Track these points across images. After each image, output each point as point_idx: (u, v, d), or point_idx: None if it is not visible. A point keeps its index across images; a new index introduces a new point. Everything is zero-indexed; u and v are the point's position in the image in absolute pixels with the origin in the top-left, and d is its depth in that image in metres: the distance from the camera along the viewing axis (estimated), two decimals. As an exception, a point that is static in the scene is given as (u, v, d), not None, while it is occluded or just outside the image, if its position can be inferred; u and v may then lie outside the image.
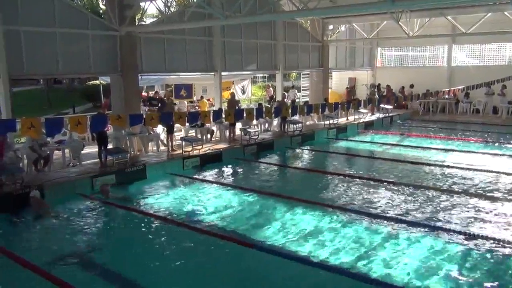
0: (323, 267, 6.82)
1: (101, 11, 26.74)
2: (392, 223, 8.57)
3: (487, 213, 9.14)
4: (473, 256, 7.16)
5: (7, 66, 11.96)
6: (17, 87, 29.79)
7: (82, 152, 12.75)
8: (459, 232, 8.02)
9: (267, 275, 6.79)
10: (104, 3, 16.94)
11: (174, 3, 25.03)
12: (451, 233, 8.02)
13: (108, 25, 14.40)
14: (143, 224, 8.96)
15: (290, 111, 15.92)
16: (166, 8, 16.26)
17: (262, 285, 6.60)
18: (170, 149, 14.10)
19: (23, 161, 11.56)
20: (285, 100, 19.99)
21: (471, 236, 7.84)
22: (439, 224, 8.50)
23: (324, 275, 6.65)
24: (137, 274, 6.74)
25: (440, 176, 12.09)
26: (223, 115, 14.13)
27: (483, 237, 7.78)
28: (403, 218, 8.84)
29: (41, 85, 32.20)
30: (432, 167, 13.09)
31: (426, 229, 8.19)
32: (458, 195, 10.28)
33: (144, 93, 21.63)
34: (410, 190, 10.72)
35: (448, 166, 13.08)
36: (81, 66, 14.08)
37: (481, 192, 10.52)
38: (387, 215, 9.03)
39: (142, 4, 15.89)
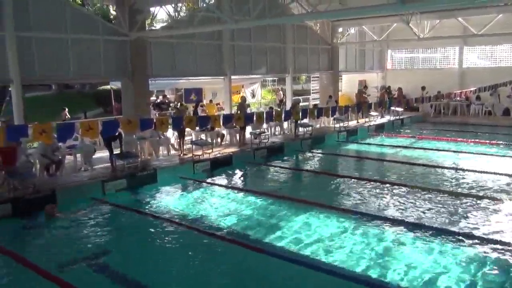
0: (335, 272, 6.75)
1: (111, 17, 26.95)
2: (404, 226, 8.48)
3: (500, 216, 9.02)
4: (488, 261, 7.05)
5: (19, 72, 12.11)
6: (29, 93, 30.12)
7: (94, 156, 12.83)
8: (473, 236, 7.91)
9: (277, 280, 6.75)
10: (115, 8, 17.08)
11: (184, 8, 25.13)
12: (465, 237, 7.91)
13: (118, 30, 14.53)
14: (153, 228, 8.96)
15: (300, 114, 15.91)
16: (176, 13, 16.34)
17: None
18: (181, 153, 14.12)
19: (35, 165, 11.66)
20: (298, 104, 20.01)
21: (485, 240, 7.73)
22: (452, 228, 8.38)
23: (335, 280, 6.59)
24: (146, 277, 6.75)
25: (452, 179, 11.96)
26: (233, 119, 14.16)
27: (497, 242, 7.67)
28: (415, 221, 8.74)
29: (53, 90, 32.52)
30: (444, 170, 12.96)
31: (439, 233, 8.09)
32: (470, 198, 10.14)
33: (152, 98, 21.73)
34: (422, 193, 10.60)
35: (460, 169, 12.95)
36: (92, 71, 14.22)
37: (495, 195, 10.37)
38: (399, 218, 8.92)
39: (152, 9, 16.02)
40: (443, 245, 7.58)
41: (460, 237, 7.89)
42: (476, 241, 7.73)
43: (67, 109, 16.55)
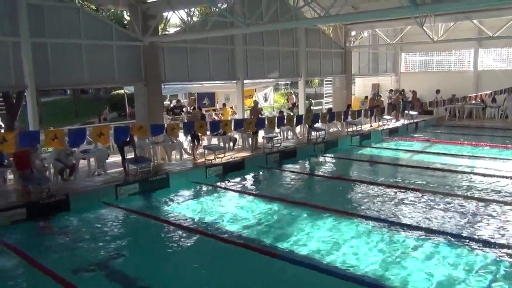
0: (349, 277, 6.68)
1: (125, 22, 27.20)
2: (419, 232, 8.37)
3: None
4: (503, 267, 6.92)
5: (35, 77, 12.26)
6: (46, 97, 30.59)
7: (107, 161, 12.92)
8: (489, 242, 7.78)
9: (290, 285, 6.71)
10: (128, 14, 17.22)
11: (197, 12, 25.25)
12: (480, 243, 7.78)
13: (132, 35, 14.63)
14: (165, 233, 8.99)
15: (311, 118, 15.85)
16: (189, 18, 16.42)
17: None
18: (196, 157, 14.08)
19: (49, 170, 11.78)
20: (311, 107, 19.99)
21: (501, 246, 7.60)
22: (468, 233, 8.26)
23: (349, 285, 6.52)
24: (158, 283, 6.76)
25: (468, 184, 11.78)
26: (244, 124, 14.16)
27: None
28: (431, 227, 8.61)
29: (69, 95, 32.98)
30: (459, 174, 12.79)
31: (455, 239, 7.96)
32: (487, 203, 9.97)
33: (166, 102, 21.90)
34: (437, 198, 10.47)
35: (475, 173, 12.78)
36: (106, 76, 14.31)
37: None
38: (414, 224, 8.81)
39: (165, 14, 16.11)
40: (459, 251, 7.47)
41: (477, 243, 7.76)
42: (493, 247, 7.60)
43: (108, 108, 17.14)
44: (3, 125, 15.48)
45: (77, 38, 13.27)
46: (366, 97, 23.60)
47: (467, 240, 7.90)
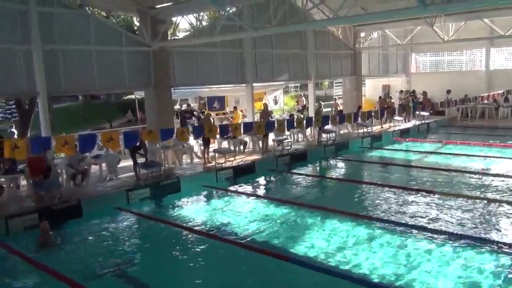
0: (359, 281, 6.63)
1: (135, 27, 27.39)
2: (432, 234, 8.27)
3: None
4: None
5: (46, 84, 12.38)
6: (58, 104, 30.87)
7: (118, 165, 12.99)
8: (504, 244, 7.67)
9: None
10: (137, 19, 17.33)
11: (206, 17, 25.34)
12: (495, 245, 7.68)
13: (141, 41, 14.71)
14: (176, 237, 8.99)
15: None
16: (198, 22, 16.47)
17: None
18: (207, 161, 14.11)
19: (62, 176, 11.87)
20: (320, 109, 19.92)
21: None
22: (481, 235, 8.15)
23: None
24: (169, 287, 6.75)
25: (481, 185, 11.64)
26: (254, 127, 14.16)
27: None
28: (443, 229, 8.52)
29: (80, 101, 33.25)
30: (472, 175, 12.63)
31: (468, 241, 7.86)
32: (501, 204, 9.85)
33: (176, 106, 21.97)
34: (449, 200, 10.35)
35: (489, 174, 12.63)
36: (116, 81, 14.42)
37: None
38: (427, 226, 8.72)
39: (174, 19, 16.18)
40: (473, 253, 7.38)
41: (491, 245, 7.66)
42: (507, 248, 7.49)
43: (130, 111, 17.33)
44: (16, 132, 15.64)
45: (87, 45, 13.38)
46: (380, 97, 23.53)
47: (481, 242, 7.79)
